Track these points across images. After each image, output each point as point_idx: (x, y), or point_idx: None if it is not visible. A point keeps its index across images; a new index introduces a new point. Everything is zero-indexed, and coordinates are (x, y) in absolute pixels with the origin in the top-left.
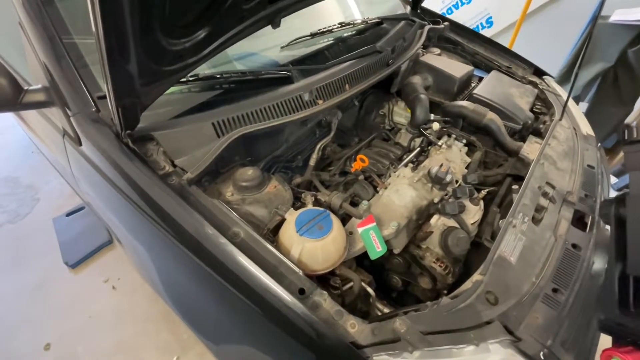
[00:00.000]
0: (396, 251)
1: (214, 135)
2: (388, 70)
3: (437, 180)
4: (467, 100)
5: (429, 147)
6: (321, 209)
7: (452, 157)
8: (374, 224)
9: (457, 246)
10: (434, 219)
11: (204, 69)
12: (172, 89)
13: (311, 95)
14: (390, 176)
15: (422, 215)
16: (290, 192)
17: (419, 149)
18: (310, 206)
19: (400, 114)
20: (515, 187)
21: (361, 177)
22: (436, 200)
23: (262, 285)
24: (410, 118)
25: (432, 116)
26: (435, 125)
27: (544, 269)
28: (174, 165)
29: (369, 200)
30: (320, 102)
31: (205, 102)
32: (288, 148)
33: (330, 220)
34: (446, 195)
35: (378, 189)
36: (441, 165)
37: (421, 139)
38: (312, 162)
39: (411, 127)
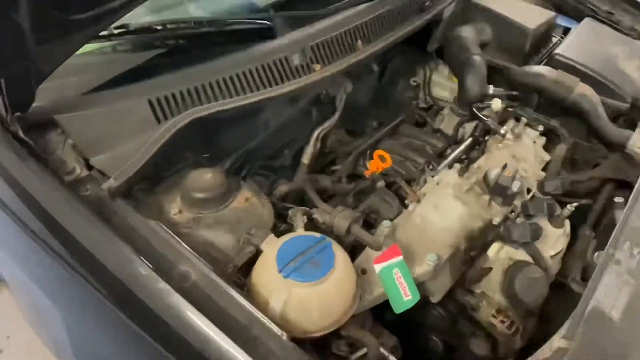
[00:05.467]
0: (435, 299)
1: (152, 120)
2: (423, 19)
3: (498, 191)
4: (545, 64)
5: (486, 138)
6: (318, 234)
7: (521, 153)
8: (400, 258)
9: (529, 292)
10: (494, 249)
11: (138, 17)
12: (86, 47)
13: (304, 58)
14: (425, 182)
15: (475, 244)
16: (270, 207)
17: (470, 140)
18: (301, 230)
19: (442, 84)
20: (619, 200)
21: (381, 183)
22: (497, 220)
23: (223, 358)
24: (458, 92)
25: (491, 89)
26: (497, 104)
27: None
28: (89, 167)
29: (392, 221)
30: (317, 67)
31: (138, 69)
32: (268, 138)
33: (332, 253)
34: (512, 212)
35: (407, 201)
36: (505, 167)
37: (474, 124)
38: (305, 159)
39: (459, 105)
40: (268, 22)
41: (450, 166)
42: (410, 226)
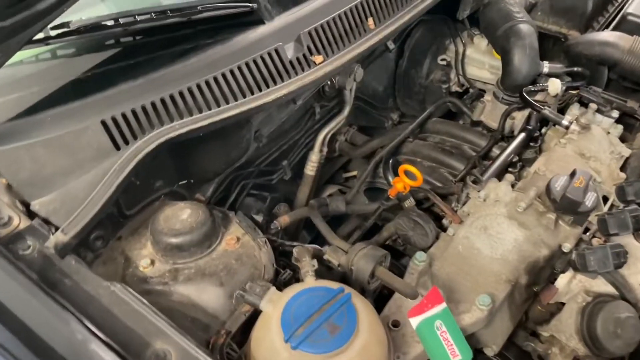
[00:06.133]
0: (491, 352)
1: (109, 147)
2: None
3: (567, 207)
4: (615, 28)
5: (543, 131)
6: (335, 284)
7: (591, 148)
8: (443, 305)
9: (616, 336)
10: (564, 279)
11: (81, 9)
12: (19, 54)
13: (300, 48)
14: (468, 197)
15: (540, 275)
16: (268, 249)
17: (522, 135)
18: (310, 280)
19: (479, 62)
20: None
21: (410, 202)
22: (568, 247)
23: None
24: (502, 71)
25: (545, 66)
26: (555, 86)
27: None
28: (30, 214)
29: (427, 251)
30: (318, 59)
31: (86, 79)
32: (261, 149)
33: (354, 310)
34: (587, 232)
35: (445, 222)
36: (573, 174)
37: (526, 113)
38: (309, 169)
39: (504, 89)
40: (251, 5)
41: (499, 174)
42: (452, 256)
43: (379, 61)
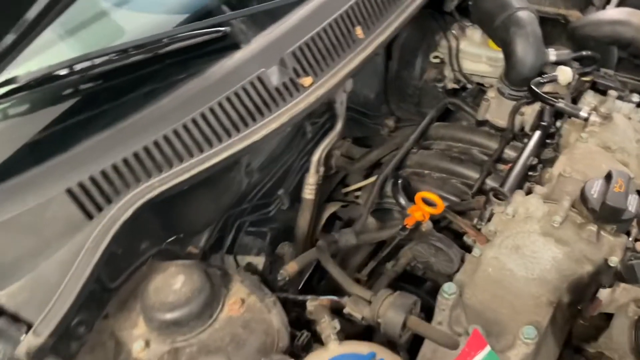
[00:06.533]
0: None
1: (79, 218)
2: None
3: (608, 214)
4: (619, 4)
5: (558, 125)
6: (362, 348)
7: (616, 140)
8: (488, 349)
9: None
10: (607, 289)
11: (29, 58)
12: None
13: (285, 71)
14: (492, 213)
15: (585, 293)
16: (279, 310)
17: (538, 134)
18: (334, 346)
19: (475, 55)
20: None
21: (428, 225)
22: (615, 260)
23: None
24: (506, 64)
25: (552, 54)
26: (566, 75)
27: None
28: None
29: (452, 278)
30: (307, 81)
31: (43, 139)
32: (253, 185)
33: None
34: (635, 240)
35: (466, 239)
36: (609, 177)
37: (536, 107)
38: (308, 193)
39: (509, 83)
40: (223, 29)
41: (520, 181)
42: (483, 281)
43: (367, 67)
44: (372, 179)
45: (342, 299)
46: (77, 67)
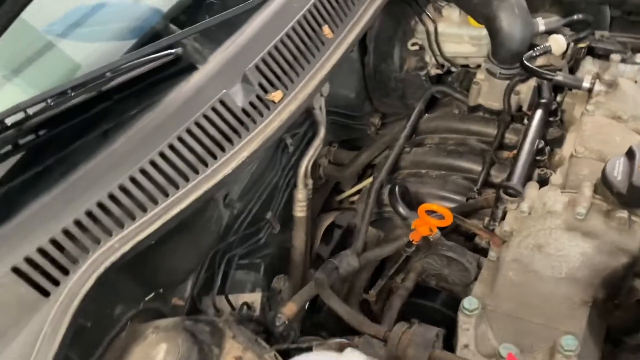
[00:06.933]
0: None
1: (33, 297)
2: None
3: (636, 196)
4: None
5: (558, 100)
6: None
7: (626, 108)
8: None
9: None
10: None
11: None
12: None
13: (250, 89)
14: (505, 210)
15: (621, 285)
16: None
17: (540, 113)
18: None
19: (456, 35)
20: None
21: (437, 235)
22: None
23: None
24: (492, 43)
25: (541, 23)
26: (559, 44)
27: None
28: None
29: (470, 288)
30: (277, 96)
31: None
32: (236, 215)
33: None
34: None
35: (478, 240)
36: (631, 154)
37: (532, 83)
38: (299, 210)
39: (498, 62)
40: (174, 50)
41: (529, 170)
42: (505, 288)
43: (344, 68)
44: (366, 181)
45: (353, 339)
46: (9, 120)
